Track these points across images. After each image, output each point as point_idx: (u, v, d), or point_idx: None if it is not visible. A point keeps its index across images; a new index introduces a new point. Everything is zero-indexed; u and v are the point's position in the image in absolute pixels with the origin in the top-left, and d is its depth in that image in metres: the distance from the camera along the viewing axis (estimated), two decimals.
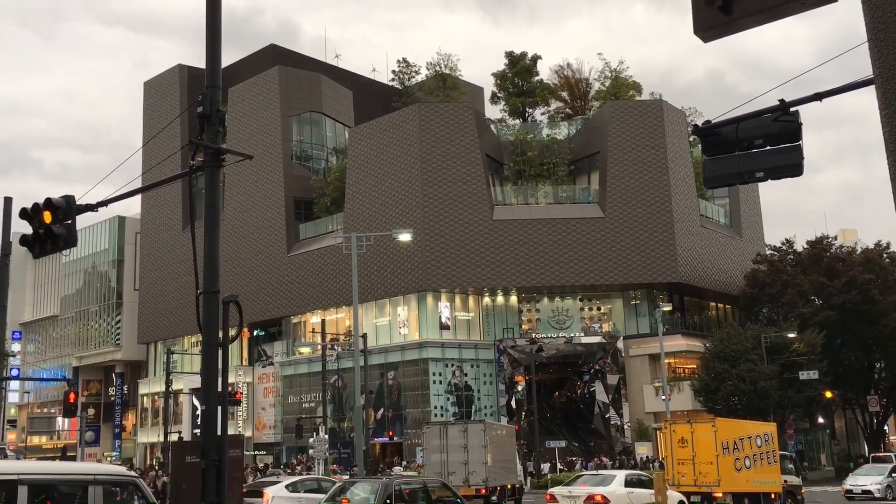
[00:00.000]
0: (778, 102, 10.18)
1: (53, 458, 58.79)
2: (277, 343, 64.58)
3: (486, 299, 58.32)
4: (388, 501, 18.25)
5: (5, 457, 25.57)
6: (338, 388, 56.36)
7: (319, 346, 45.29)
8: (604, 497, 22.54)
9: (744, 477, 25.18)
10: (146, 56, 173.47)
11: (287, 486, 23.67)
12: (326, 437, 38.86)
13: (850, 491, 35.74)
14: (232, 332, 11.19)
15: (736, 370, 47.94)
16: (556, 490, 24.68)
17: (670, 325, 56.18)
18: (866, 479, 36.00)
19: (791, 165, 9.97)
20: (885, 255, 56.62)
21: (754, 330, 50.85)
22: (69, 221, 12.74)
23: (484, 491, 27.57)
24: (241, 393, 58.40)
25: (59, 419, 67.31)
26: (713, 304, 64.36)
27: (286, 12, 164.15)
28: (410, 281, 55.48)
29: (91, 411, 76.10)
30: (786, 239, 59.32)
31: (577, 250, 55.80)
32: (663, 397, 48.64)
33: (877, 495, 34.93)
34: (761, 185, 60.69)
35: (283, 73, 66.73)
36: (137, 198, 75.64)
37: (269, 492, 23.18)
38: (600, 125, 59.86)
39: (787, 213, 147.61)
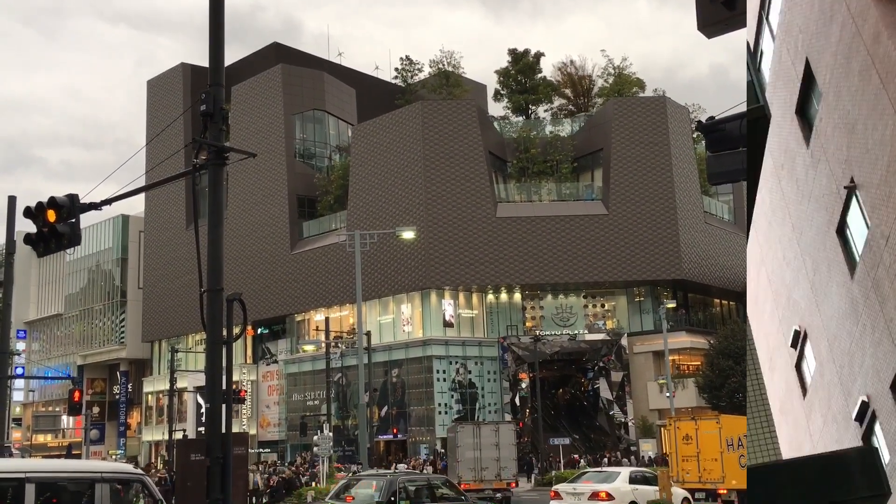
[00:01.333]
0: None
1: (58, 457, 58.89)
2: (281, 341, 64.66)
3: (490, 297, 58.32)
4: (392, 499, 18.25)
5: (10, 455, 25.59)
6: (342, 386, 56.41)
7: (323, 344, 45.27)
8: (608, 494, 22.52)
9: None
10: (149, 54, 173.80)
11: None
12: (330, 434, 38.78)
13: None
14: (236, 330, 11.20)
15: (740, 367, 47.89)
16: (560, 487, 24.68)
17: (674, 321, 56.14)
18: None
19: None
20: None
21: None
22: (73, 220, 12.71)
23: (514, 485, 30.64)
24: (246, 391, 58.41)
25: (64, 417, 67.28)
26: (717, 300, 64.31)
27: (289, 9, 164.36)
28: (414, 278, 55.49)
29: (96, 409, 76.33)
30: None
31: (581, 247, 55.77)
32: (667, 394, 48.62)
33: None
34: None
35: (285, 71, 66.76)
36: (141, 196, 75.79)
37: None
38: (603, 122, 59.80)
39: None
